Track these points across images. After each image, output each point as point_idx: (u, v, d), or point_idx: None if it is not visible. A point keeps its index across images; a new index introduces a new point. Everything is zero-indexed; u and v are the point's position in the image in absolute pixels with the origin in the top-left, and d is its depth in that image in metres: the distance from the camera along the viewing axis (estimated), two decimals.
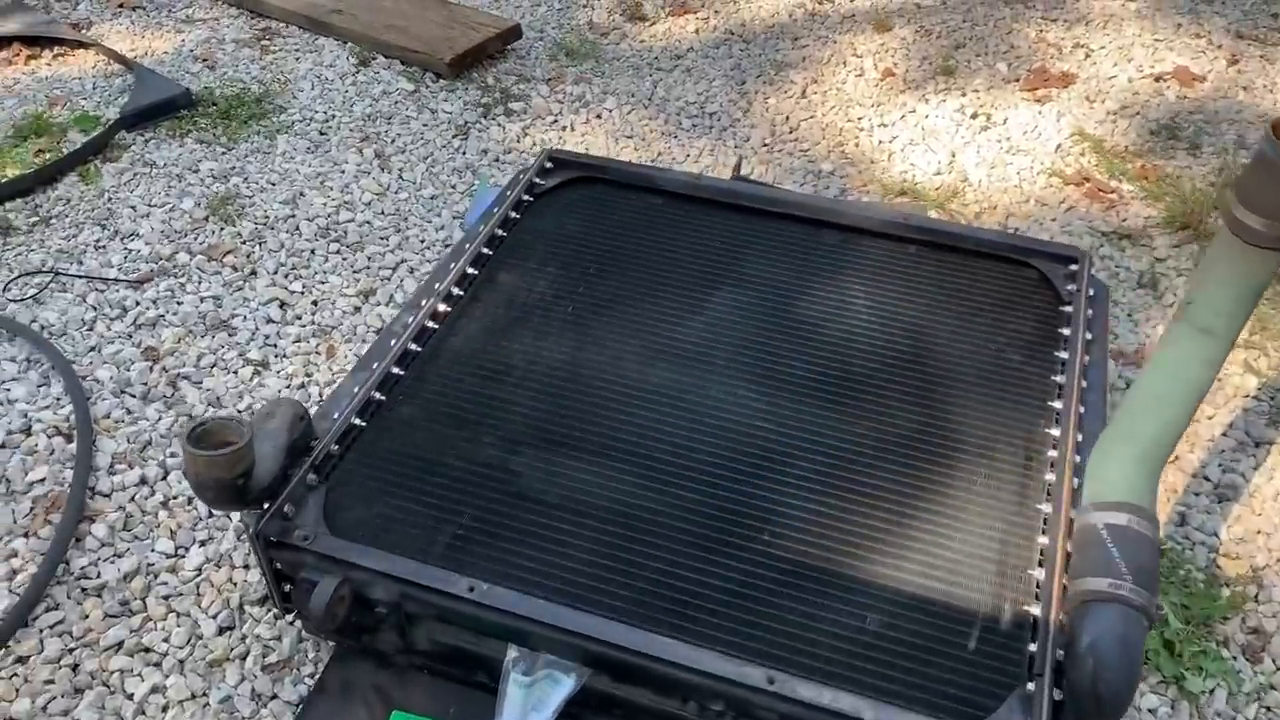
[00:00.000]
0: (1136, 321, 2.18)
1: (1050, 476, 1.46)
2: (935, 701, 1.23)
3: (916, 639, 1.30)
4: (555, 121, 2.81)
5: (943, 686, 1.25)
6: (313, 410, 1.75)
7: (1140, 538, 1.17)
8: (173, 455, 1.85)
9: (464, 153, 2.67)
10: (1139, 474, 1.24)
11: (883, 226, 1.91)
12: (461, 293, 1.79)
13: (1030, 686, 1.22)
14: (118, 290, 2.20)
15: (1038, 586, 1.34)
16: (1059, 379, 1.62)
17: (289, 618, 1.56)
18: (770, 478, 1.48)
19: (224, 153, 2.63)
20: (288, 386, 1.99)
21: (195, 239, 2.35)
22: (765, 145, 2.71)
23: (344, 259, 2.30)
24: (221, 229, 2.37)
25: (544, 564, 1.38)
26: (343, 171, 2.57)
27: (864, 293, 1.80)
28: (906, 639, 1.30)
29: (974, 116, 2.82)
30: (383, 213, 2.45)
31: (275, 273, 2.26)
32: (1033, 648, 1.26)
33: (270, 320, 2.14)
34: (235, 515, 1.73)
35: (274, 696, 1.50)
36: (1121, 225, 2.45)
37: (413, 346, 1.67)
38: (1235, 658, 1.57)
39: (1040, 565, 1.36)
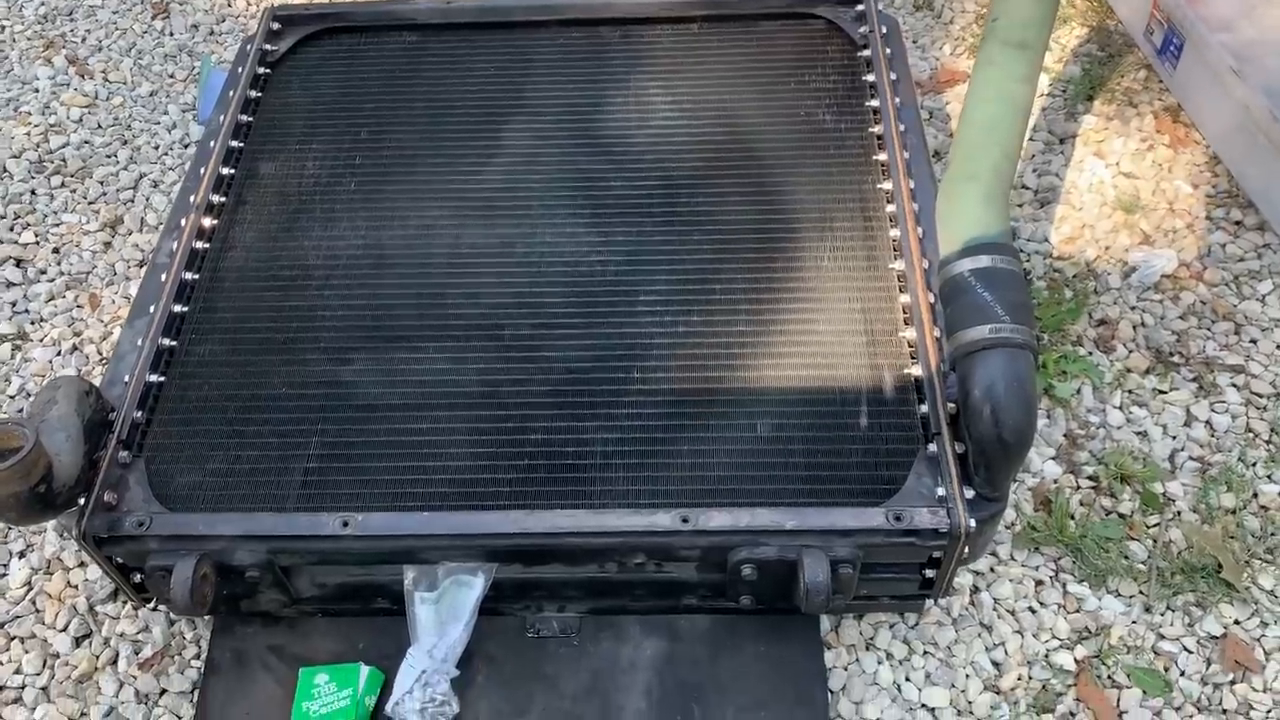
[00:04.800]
0: (923, 47, 2.15)
1: (895, 232, 1.43)
2: (847, 489, 1.21)
3: (811, 433, 1.26)
4: None
5: (849, 472, 1.23)
6: (96, 379, 1.54)
7: (1007, 274, 1.14)
8: None
9: (171, 34, 2.32)
10: (989, 210, 1.21)
11: (660, 10, 1.76)
12: (223, 199, 1.56)
13: (932, 447, 1.21)
14: None
15: (911, 346, 1.32)
16: (876, 130, 1.56)
17: (149, 606, 1.40)
18: (625, 312, 1.39)
19: None
20: (58, 354, 1.73)
21: None
22: None
23: (73, 192, 1.99)
24: None
25: (414, 472, 1.26)
26: (36, 90, 2.19)
27: (661, 87, 1.67)
28: (801, 435, 1.26)
29: None
30: (99, 127, 2.12)
31: None
32: (923, 409, 1.25)
33: (10, 284, 1.84)
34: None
35: (163, 692, 1.35)
36: None
37: (188, 276, 1.45)
38: (1091, 353, 1.62)
39: (909, 324, 1.34)
